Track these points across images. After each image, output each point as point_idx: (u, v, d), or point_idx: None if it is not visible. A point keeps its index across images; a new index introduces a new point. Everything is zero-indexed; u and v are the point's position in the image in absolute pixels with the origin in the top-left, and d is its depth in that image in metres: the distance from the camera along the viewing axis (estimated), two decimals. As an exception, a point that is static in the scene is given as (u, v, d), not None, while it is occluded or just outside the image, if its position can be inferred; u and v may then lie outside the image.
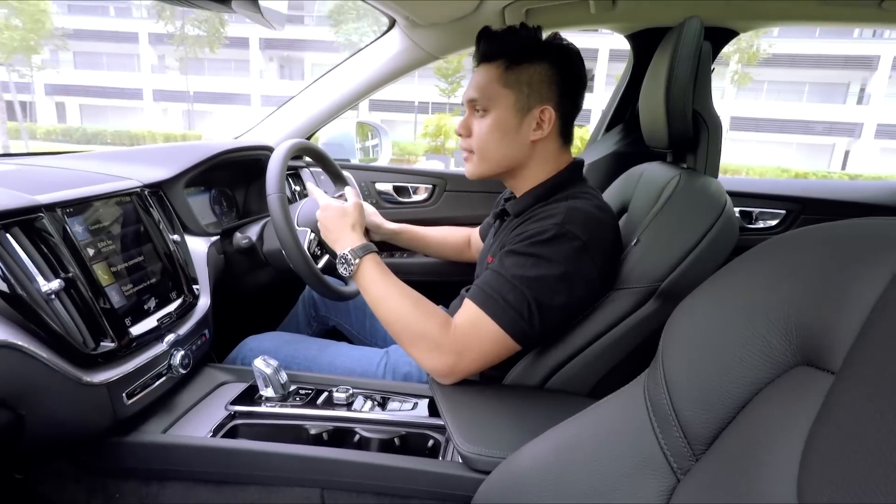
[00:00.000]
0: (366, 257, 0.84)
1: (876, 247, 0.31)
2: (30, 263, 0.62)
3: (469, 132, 0.87)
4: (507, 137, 0.84)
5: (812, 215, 1.47)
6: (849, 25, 1.26)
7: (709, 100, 0.86)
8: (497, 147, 0.85)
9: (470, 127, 0.87)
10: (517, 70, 0.82)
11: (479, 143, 0.86)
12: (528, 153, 0.86)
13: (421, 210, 1.61)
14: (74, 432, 0.68)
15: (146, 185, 0.88)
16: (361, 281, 0.84)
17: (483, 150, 0.86)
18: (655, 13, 1.28)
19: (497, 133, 0.84)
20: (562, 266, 0.74)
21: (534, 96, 0.83)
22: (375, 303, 0.81)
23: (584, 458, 0.46)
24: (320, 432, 0.78)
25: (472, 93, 0.85)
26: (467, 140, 0.88)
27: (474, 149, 0.87)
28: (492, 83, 0.83)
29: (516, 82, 0.82)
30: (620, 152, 1.44)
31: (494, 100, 0.83)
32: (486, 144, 0.86)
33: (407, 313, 0.78)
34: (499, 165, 0.87)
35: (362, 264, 0.84)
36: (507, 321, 0.74)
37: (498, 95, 0.83)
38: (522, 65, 0.82)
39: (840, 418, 0.26)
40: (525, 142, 0.85)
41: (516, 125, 0.84)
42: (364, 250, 0.85)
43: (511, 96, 0.83)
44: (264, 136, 1.49)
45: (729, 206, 0.79)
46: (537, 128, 0.84)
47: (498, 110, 0.83)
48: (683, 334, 0.43)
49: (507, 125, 0.84)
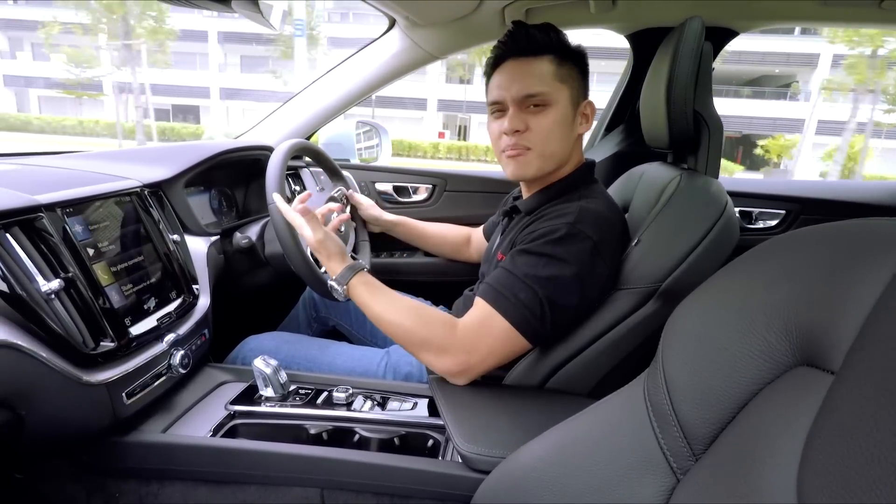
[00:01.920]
0: (353, 280, 0.83)
1: (876, 247, 0.31)
2: (30, 263, 0.62)
3: (527, 128, 0.84)
4: (565, 132, 0.85)
5: (812, 215, 1.47)
6: (849, 25, 1.26)
7: (709, 100, 0.86)
8: (558, 143, 0.85)
9: (527, 122, 0.84)
10: (565, 66, 0.83)
11: (541, 138, 0.83)
12: (572, 148, 0.87)
13: (421, 210, 1.61)
14: (74, 432, 0.68)
15: (146, 184, 0.88)
16: (356, 301, 0.84)
17: (545, 146, 0.84)
18: (655, 13, 1.28)
19: (559, 128, 0.84)
20: (574, 266, 0.74)
21: (580, 91, 0.85)
22: (375, 319, 0.82)
23: (584, 457, 0.46)
24: (320, 432, 0.77)
25: (532, 86, 0.82)
26: (524, 136, 0.84)
27: (534, 145, 0.84)
28: (548, 77, 0.82)
29: (568, 77, 0.83)
30: (621, 152, 1.44)
31: (555, 94, 0.82)
32: (549, 139, 0.84)
33: (408, 323, 0.78)
34: (553, 161, 0.86)
35: (351, 288, 0.83)
36: (519, 319, 0.74)
37: (558, 89, 0.82)
38: (568, 61, 0.83)
39: (840, 418, 0.26)
40: (574, 136, 0.87)
41: (572, 120, 0.85)
42: (349, 273, 0.84)
43: (567, 90, 0.83)
44: (264, 136, 1.49)
45: (729, 207, 0.79)
46: (583, 121, 0.86)
47: (559, 105, 0.83)
48: (683, 334, 0.42)
49: (566, 120, 0.84)
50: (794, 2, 1.21)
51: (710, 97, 0.86)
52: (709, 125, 0.86)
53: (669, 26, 0.91)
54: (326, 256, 0.87)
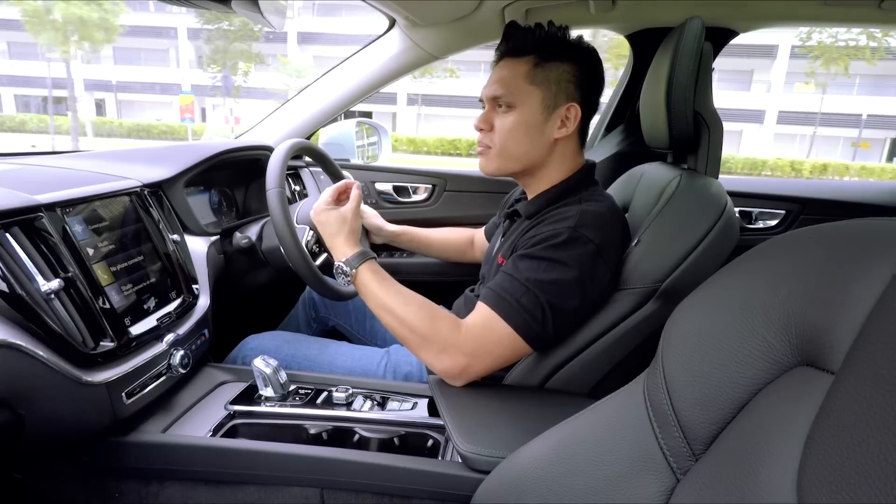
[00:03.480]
0: (362, 266, 0.82)
1: (876, 247, 0.31)
2: (29, 263, 0.62)
3: (490, 127, 0.85)
4: (531, 135, 0.84)
5: (812, 215, 1.47)
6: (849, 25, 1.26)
7: (710, 100, 0.86)
8: (518, 144, 0.84)
9: (491, 122, 0.85)
10: (547, 67, 0.82)
11: (501, 139, 0.84)
12: (548, 152, 0.86)
13: (421, 210, 1.61)
14: (74, 432, 0.68)
15: (146, 184, 0.88)
16: (361, 290, 0.83)
17: (504, 147, 0.85)
18: (655, 13, 1.28)
19: (521, 130, 0.83)
20: (576, 270, 0.74)
21: (561, 94, 0.83)
22: (378, 310, 0.81)
23: (584, 457, 0.46)
24: (320, 432, 0.78)
25: (497, 89, 0.83)
26: (488, 135, 0.86)
27: (494, 144, 0.86)
28: (518, 79, 0.82)
29: (545, 80, 0.82)
30: (621, 153, 1.44)
31: (521, 96, 0.82)
32: (508, 141, 0.84)
33: (411, 318, 0.77)
34: (517, 163, 0.86)
35: (359, 274, 0.82)
36: (520, 323, 0.74)
37: (525, 92, 0.82)
38: (552, 62, 0.82)
39: (840, 418, 0.26)
40: (548, 140, 0.85)
41: (541, 123, 0.84)
42: (360, 259, 0.83)
43: (539, 93, 0.82)
44: (264, 136, 1.49)
45: (729, 207, 0.79)
46: (562, 125, 0.84)
47: (524, 107, 0.83)
48: (683, 334, 0.42)
49: (532, 122, 0.83)
50: (794, 2, 1.21)
51: (710, 97, 0.86)
52: (709, 125, 0.86)
53: (669, 26, 0.91)
54: (346, 232, 0.86)
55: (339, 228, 0.86)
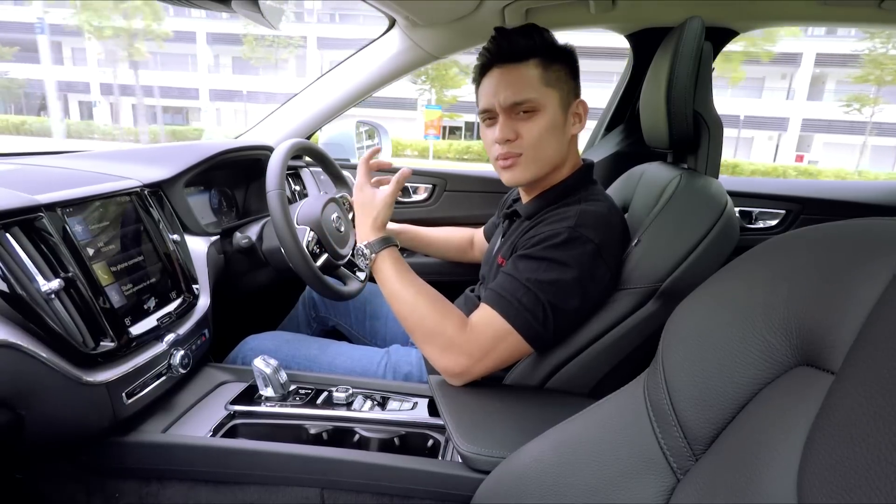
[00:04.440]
0: (383, 252, 0.83)
1: (876, 247, 0.31)
2: (30, 263, 0.62)
3: (517, 136, 0.83)
4: (557, 136, 0.84)
5: (812, 215, 1.47)
6: (849, 25, 1.26)
7: (709, 100, 0.86)
8: (550, 147, 0.84)
9: (517, 130, 0.83)
10: (552, 69, 0.82)
11: (533, 144, 0.83)
12: (567, 150, 0.87)
13: (421, 210, 1.61)
14: (74, 432, 0.68)
15: (146, 184, 0.88)
16: (378, 275, 0.83)
17: (537, 152, 0.83)
18: (655, 13, 1.28)
19: (550, 133, 0.83)
20: (576, 270, 0.74)
21: (570, 92, 0.84)
22: (391, 297, 0.81)
23: (584, 457, 0.46)
24: (320, 432, 0.78)
25: (519, 94, 0.81)
26: (515, 144, 0.83)
27: (525, 151, 0.83)
28: (535, 83, 0.81)
29: (556, 80, 0.82)
30: (621, 152, 1.44)
31: (542, 99, 0.82)
32: (540, 146, 0.83)
33: (423, 310, 0.78)
34: (548, 164, 0.86)
35: (378, 259, 0.83)
36: (522, 323, 0.74)
37: (544, 94, 0.82)
38: (555, 63, 0.83)
39: (840, 418, 0.26)
40: (567, 138, 0.86)
41: (563, 122, 0.84)
42: (382, 244, 0.84)
43: (555, 94, 0.82)
44: (264, 136, 1.49)
45: (730, 207, 0.79)
46: (576, 122, 0.86)
47: (547, 109, 0.82)
48: (683, 334, 0.42)
49: (556, 123, 0.83)
50: (794, 2, 1.21)
51: (710, 97, 0.86)
52: (709, 125, 0.86)
53: (669, 26, 0.91)
54: (374, 216, 0.85)
55: (370, 210, 0.86)
